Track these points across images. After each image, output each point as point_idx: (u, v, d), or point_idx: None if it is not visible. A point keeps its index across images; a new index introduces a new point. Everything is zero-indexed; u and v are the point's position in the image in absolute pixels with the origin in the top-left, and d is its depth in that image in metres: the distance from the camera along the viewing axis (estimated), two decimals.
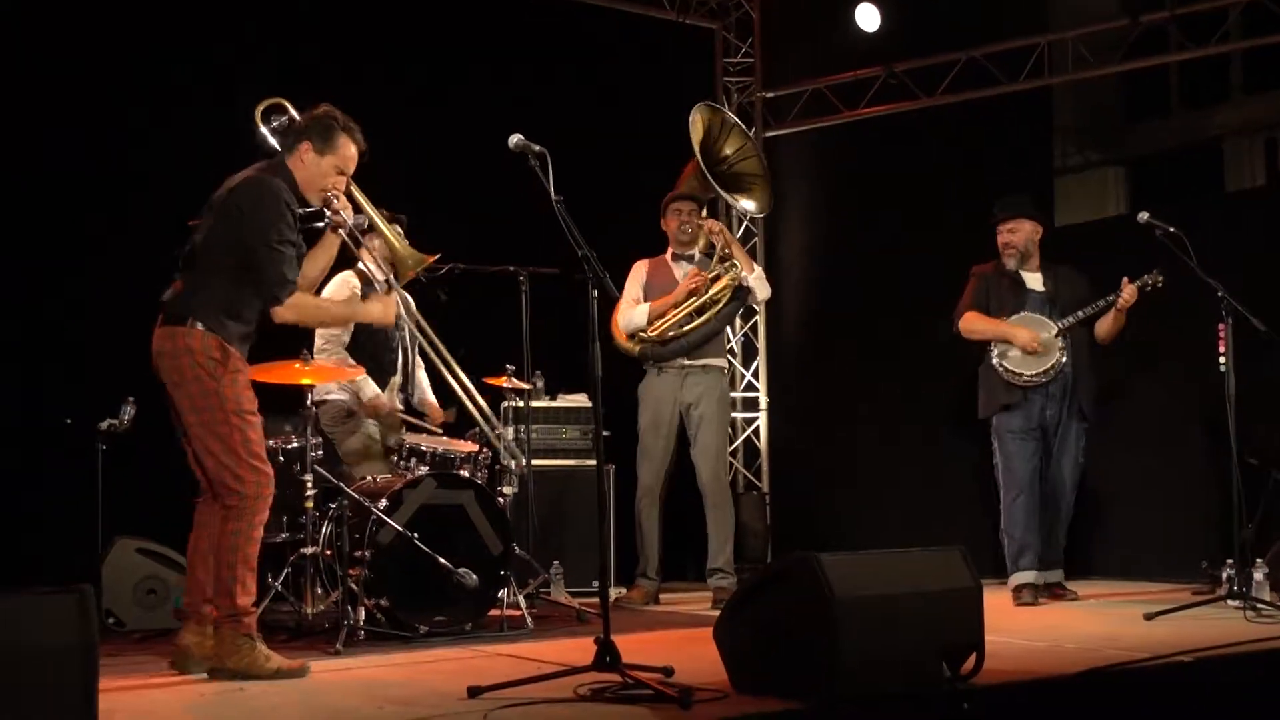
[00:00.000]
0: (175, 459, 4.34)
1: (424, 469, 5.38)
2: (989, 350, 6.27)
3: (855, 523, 8.14)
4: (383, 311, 4.62)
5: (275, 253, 4.16)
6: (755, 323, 8.98)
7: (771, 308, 8.95)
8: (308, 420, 5.14)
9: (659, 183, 6.81)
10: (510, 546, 5.41)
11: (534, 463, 6.23)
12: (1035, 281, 6.39)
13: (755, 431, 8.96)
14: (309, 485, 5.10)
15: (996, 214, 6.41)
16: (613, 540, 6.81)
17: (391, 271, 4.76)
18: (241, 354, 4.25)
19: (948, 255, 6.95)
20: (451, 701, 3.59)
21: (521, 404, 6.24)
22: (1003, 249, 6.40)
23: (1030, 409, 6.19)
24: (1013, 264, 6.38)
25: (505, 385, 6.01)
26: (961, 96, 8.06)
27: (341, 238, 4.49)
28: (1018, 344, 6.18)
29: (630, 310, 6.54)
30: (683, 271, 6.60)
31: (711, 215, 7.05)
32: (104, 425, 5.55)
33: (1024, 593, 6.07)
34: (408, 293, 6.13)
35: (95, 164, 6.38)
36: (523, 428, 6.24)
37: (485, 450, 5.82)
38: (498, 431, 4.86)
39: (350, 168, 4.40)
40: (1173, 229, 5.76)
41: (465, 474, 5.47)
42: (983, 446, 6.44)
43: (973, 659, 3.67)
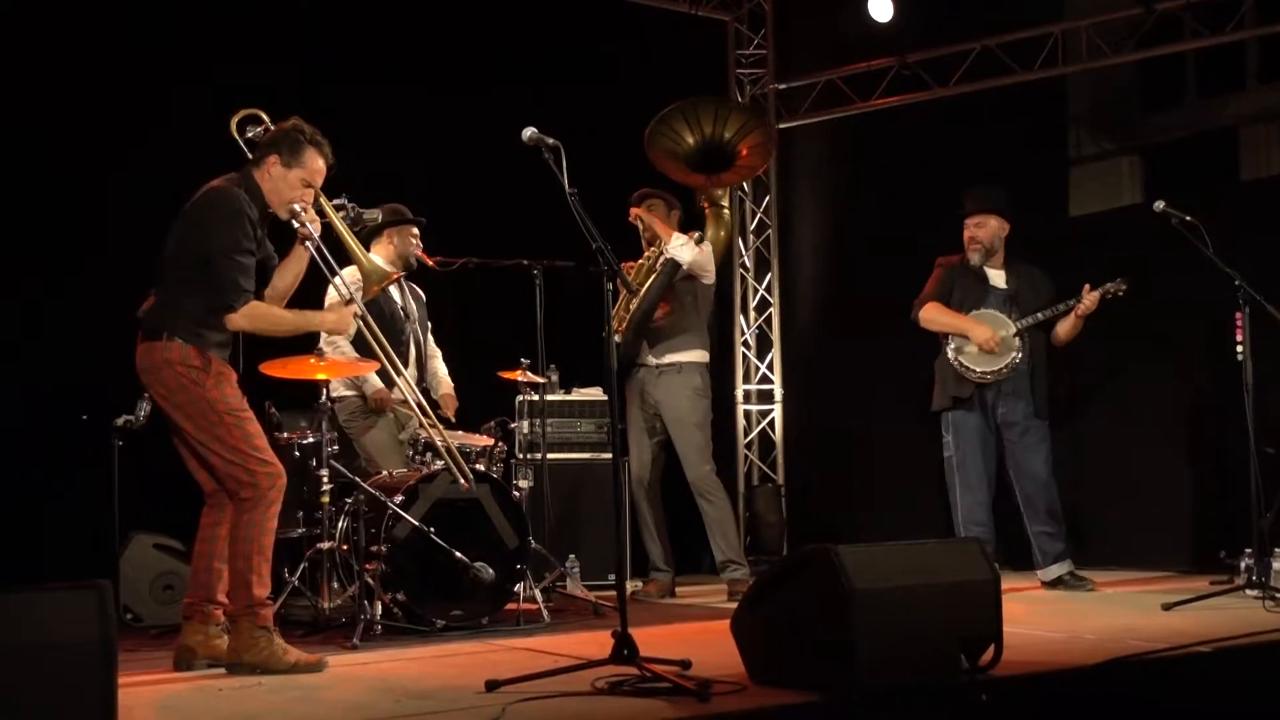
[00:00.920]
0: None
1: (439, 463, 5.38)
2: (946, 343, 6.25)
3: (871, 515, 8.14)
4: (336, 321, 4.63)
5: (229, 261, 4.19)
6: (770, 314, 8.96)
7: (786, 300, 8.95)
8: (323, 415, 5.16)
9: None
10: (526, 540, 5.42)
11: (549, 456, 6.23)
12: (999, 279, 6.36)
13: (770, 424, 8.95)
14: (325, 480, 5.11)
15: (963, 207, 6.37)
16: (628, 534, 6.81)
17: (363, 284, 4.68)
18: (222, 359, 4.28)
19: (961, 246, 6.92)
20: (469, 695, 3.59)
21: (536, 398, 6.24)
22: (968, 244, 6.36)
23: (984, 407, 6.19)
24: (977, 259, 6.34)
25: (520, 379, 6.01)
26: (975, 86, 8.03)
27: (309, 250, 4.48)
28: (976, 340, 6.15)
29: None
30: None
31: (730, 202, 7.15)
32: (120, 421, 5.56)
33: None
34: (421, 291, 6.17)
35: (112, 157, 6.40)
36: (538, 421, 6.25)
37: (501, 444, 5.82)
38: (447, 446, 4.84)
39: (318, 181, 4.41)
40: (1189, 217, 5.74)
41: (481, 468, 5.47)
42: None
43: (991, 650, 3.67)
